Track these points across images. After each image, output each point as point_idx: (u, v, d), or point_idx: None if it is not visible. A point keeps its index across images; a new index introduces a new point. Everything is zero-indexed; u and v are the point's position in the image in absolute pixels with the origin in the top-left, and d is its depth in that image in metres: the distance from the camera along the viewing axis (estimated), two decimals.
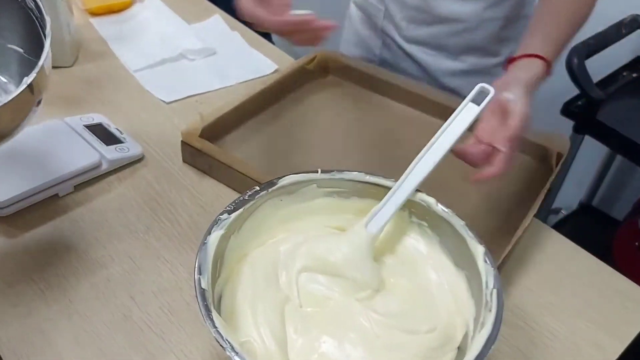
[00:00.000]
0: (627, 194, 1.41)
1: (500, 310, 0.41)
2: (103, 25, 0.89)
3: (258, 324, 0.44)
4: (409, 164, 0.50)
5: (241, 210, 0.48)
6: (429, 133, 0.51)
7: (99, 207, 0.62)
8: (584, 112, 1.05)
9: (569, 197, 1.46)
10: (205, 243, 0.44)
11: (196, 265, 0.43)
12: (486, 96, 0.52)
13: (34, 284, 0.54)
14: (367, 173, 0.52)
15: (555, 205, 1.40)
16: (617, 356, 0.53)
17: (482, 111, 0.51)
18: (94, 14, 0.91)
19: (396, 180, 0.50)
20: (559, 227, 0.82)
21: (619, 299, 0.58)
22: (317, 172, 0.52)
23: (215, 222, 0.46)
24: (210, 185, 0.66)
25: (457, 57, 0.83)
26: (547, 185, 0.64)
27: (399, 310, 0.46)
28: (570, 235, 0.65)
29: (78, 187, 0.63)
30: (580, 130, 1.07)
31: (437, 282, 0.49)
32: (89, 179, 0.64)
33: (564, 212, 1.43)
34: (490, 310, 0.42)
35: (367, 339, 0.44)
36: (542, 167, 0.72)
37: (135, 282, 0.55)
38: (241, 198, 0.48)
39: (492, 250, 0.51)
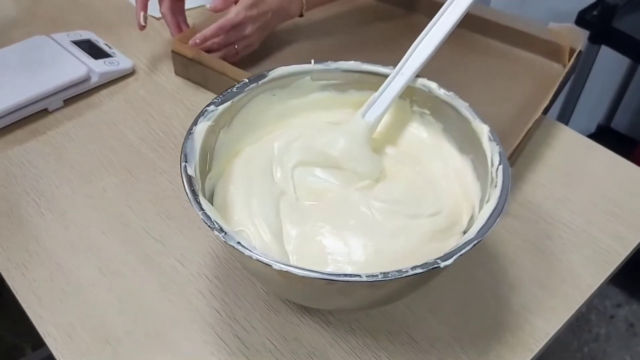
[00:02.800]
0: None
1: (506, 184, 0.39)
2: None
3: (252, 215, 0.42)
4: None
5: (229, 102, 0.45)
6: None
7: (91, 121, 0.60)
8: (599, 21, 1.00)
9: (587, 120, 1.41)
10: (192, 133, 0.42)
11: (182, 154, 0.40)
12: None
13: (26, 195, 0.52)
14: (363, 62, 0.49)
15: (572, 129, 1.35)
16: (635, 245, 0.51)
17: None
18: None
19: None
20: None
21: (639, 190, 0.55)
22: (310, 63, 0.49)
23: (202, 113, 0.44)
24: (205, 98, 0.63)
25: None
26: (560, 79, 0.61)
27: (401, 197, 0.44)
28: None
29: (68, 102, 0.61)
30: (596, 39, 1.02)
31: (442, 170, 0.47)
32: (79, 94, 0.62)
33: None
34: (495, 186, 0.39)
35: (368, 225, 0.42)
36: (554, 66, 0.68)
37: (132, 191, 0.53)
38: (229, 90, 0.46)
39: None
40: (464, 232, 0.43)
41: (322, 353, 0.42)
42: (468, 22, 0.70)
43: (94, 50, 0.65)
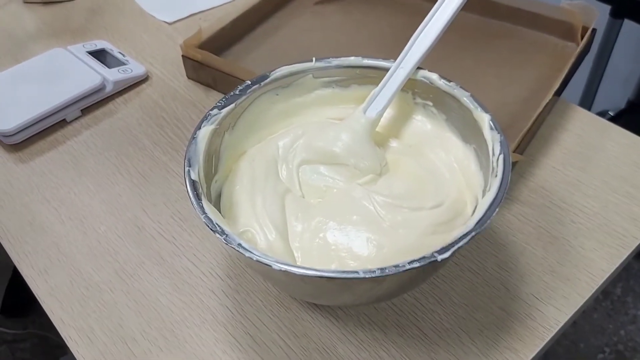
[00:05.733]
0: None
1: (506, 173, 0.39)
2: None
3: (257, 214, 0.43)
4: None
5: (233, 105, 0.46)
6: None
7: (107, 128, 0.62)
8: None
9: (616, 97, 1.37)
10: (195, 137, 0.43)
11: (186, 159, 0.42)
12: None
13: (47, 203, 0.55)
14: (365, 57, 0.49)
15: (600, 107, 1.32)
16: None
17: None
18: None
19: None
20: None
21: None
22: (311, 61, 0.49)
23: (205, 117, 0.45)
24: (216, 99, 0.64)
25: None
26: (572, 60, 0.60)
27: (404, 190, 0.44)
28: None
29: (85, 112, 0.63)
30: (618, 14, 0.99)
31: (445, 161, 0.46)
32: (95, 102, 0.63)
33: (611, 114, 1.35)
34: (496, 176, 0.39)
35: (371, 220, 0.42)
36: (568, 45, 0.66)
37: (146, 195, 0.55)
38: (232, 93, 0.47)
39: (512, 136, 0.48)
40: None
41: (331, 348, 0.43)
42: (477, 6, 0.70)
43: (108, 60, 0.66)
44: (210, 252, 0.50)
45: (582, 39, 0.64)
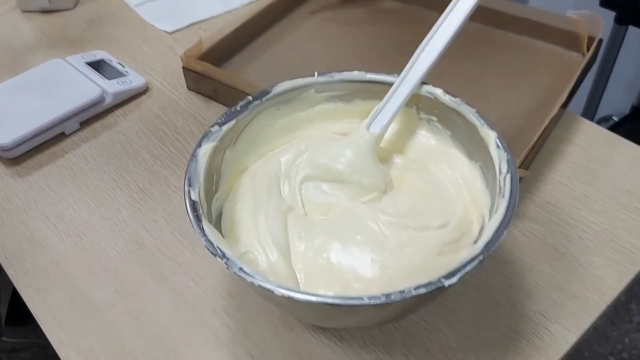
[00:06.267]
0: None
1: (514, 194, 0.38)
2: None
3: (259, 232, 0.42)
4: None
5: (234, 121, 0.45)
6: None
7: (106, 141, 0.61)
8: (625, 0, 0.96)
9: (620, 102, 1.36)
10: (195, 156, 0.42)
11: (186, 178, 0.41)
12: None
13: (46, 220, 0.54)
14: (368, 71, 0.48)
15: (604, 113, 1.31)
16: None
17: None
18: None
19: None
20: None
21: None
22: (314, 75, 0.48)
23: (206, 134, 0.44)
24: (217, 111, 0.63)
25: None
26: (578, 72, 0.59)
27: (409, 208, 0.43)
28: None
29: (84, 124, 0.62)
30: (622, 20, 0.98)
31: (451, 177, 0.46)
32: (94, 115, 0.63)
33: (615, 119, 1.34)
34: (503, 196, 0.38)
35: (375, 240, 0.41)
36: (573, 56, 0.66)
37: (146, 210, 0.54)
38: (233, 109, 0.46)
39: (517, 149, 0.47)
40: (475, 243, 0.42)
41: None
42: (482, 16, 0.69)
43: (107, 71, 0.66)
44: (212, 270, 0.49)
45: (587, 48, 0.63)
